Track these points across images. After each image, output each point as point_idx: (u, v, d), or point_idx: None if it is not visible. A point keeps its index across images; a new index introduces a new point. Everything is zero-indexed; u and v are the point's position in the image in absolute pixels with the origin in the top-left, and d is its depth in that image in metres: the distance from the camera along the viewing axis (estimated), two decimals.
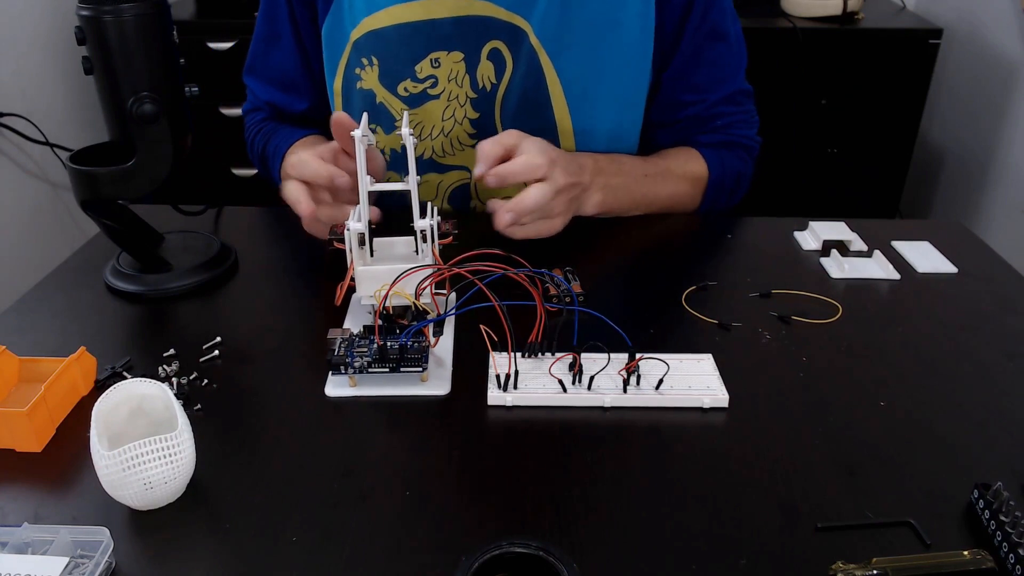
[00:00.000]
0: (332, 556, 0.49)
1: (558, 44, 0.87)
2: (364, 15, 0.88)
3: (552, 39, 0.87)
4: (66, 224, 1.87)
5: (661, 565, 0.48)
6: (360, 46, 0.89)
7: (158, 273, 0.77)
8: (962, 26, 2.00)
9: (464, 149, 0.94)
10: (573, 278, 0.76)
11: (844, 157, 2.04)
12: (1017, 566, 0.47)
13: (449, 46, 0.88)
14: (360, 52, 0.90)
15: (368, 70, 0.91)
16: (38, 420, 0.57)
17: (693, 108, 0.94)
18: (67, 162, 0.72)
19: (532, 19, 0.86)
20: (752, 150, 0.99)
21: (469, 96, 0.91)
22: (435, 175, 0.96)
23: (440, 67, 0.89)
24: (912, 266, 0.82)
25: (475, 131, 0.93)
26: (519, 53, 0.88)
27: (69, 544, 0.48)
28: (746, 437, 0.59)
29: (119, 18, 0.67)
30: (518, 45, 0.88)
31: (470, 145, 0.94)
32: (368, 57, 0.90)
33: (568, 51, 0.87)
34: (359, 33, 0.89)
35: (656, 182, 0.91)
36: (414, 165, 0.64)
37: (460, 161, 0.95)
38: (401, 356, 0.62)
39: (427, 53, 0.89)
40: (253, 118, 1.04)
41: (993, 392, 0.64)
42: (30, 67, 1.75)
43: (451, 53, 0.89)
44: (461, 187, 0.97)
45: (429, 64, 0.89)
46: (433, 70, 0.89)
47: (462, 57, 0.89)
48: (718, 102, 0.94)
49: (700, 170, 0.94)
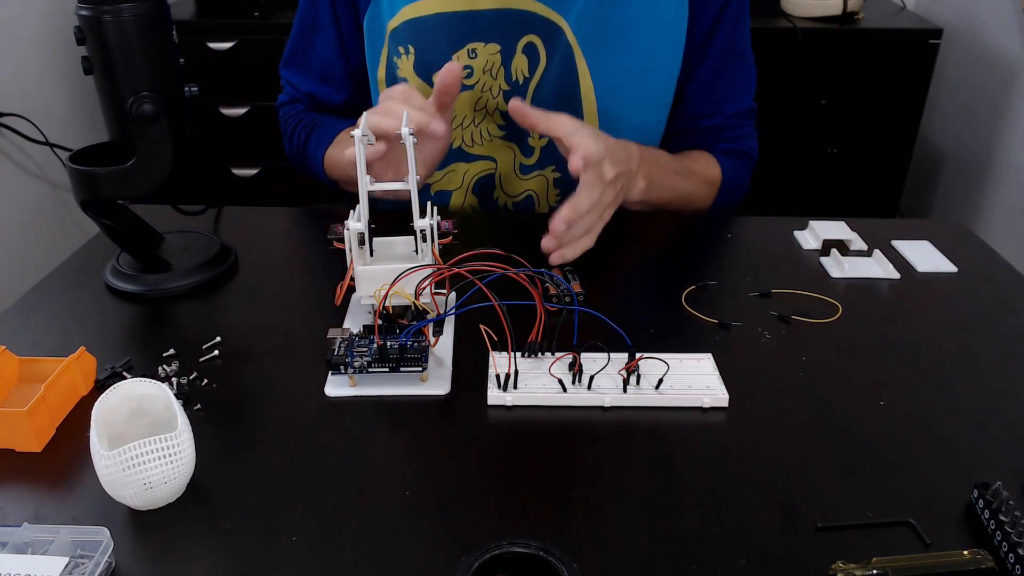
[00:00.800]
0: (332, 556, 0.49)
1: (593, 43, 0.89)
2: (404, 3, 0.89)
3: (588, 37, 0.88)
4: (66, 224, 1.87)
5: (661, 565, 0.48)
6: (397, 35, 0.90)
7: (158, 273, 0.77)
8: (962, 26, 2.00)
9: (493, 140, 0.95)
10: (573, 278, 0.76)
11: (844, 157, 2.04)
12: (1017, 566, 0.47)
13: (487, 37, 0.89)
14: (397, 41, 0.91)
15: (404, 59, 0.91)
16: (38, 420, 0.57)
17: (712, 119, 0.97)
18: (67, 162, 0.72)
19: (569, 16, 0.88)
20: (753, 162, 1.02)
21: (502, 88, 0.92)
22: (462, 164, 0.97)
23: (477, 58, 0.90)
24: (912, 266, 0.82)
25: (504, 123, 0.94)
26: (554, 49, 0.89)
27: (69, 544, 0.48)
28: (746, 437, 0.59)
29: (119, 18, 0.67)
30: (553, 41, 0.89)
31: (499, 136, 0.95)
32: (404, 46, 0.91)
33: (603, 50, 0.89)
34: (397, 22, 0.89)
35: (684, 179, 0.92)
36: (414, 165, 0.64)
37: (487, 151, 0.96)
38: (401, 356, 0.62)
39: (465, 43, 0.90)
40: (291, 110, 1.04)
41: (993, 392, 0.64)
42: (30, 67, 1.75)
43: (488, 44, 0.90)
44: (486, 177, 0.98)
45: (467, 54, 0.90)
46: (470, 60, 0.90)
47: (498, 49, 0.90)
48: (733, 115, 0.98)
49: (716, 174, 0.96)
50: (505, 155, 0.96)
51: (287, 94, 1.05)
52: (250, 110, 2.00)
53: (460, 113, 0.93)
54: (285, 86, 1.05)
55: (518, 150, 0.96)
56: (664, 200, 0.91)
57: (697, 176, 0.95)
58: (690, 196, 0.94)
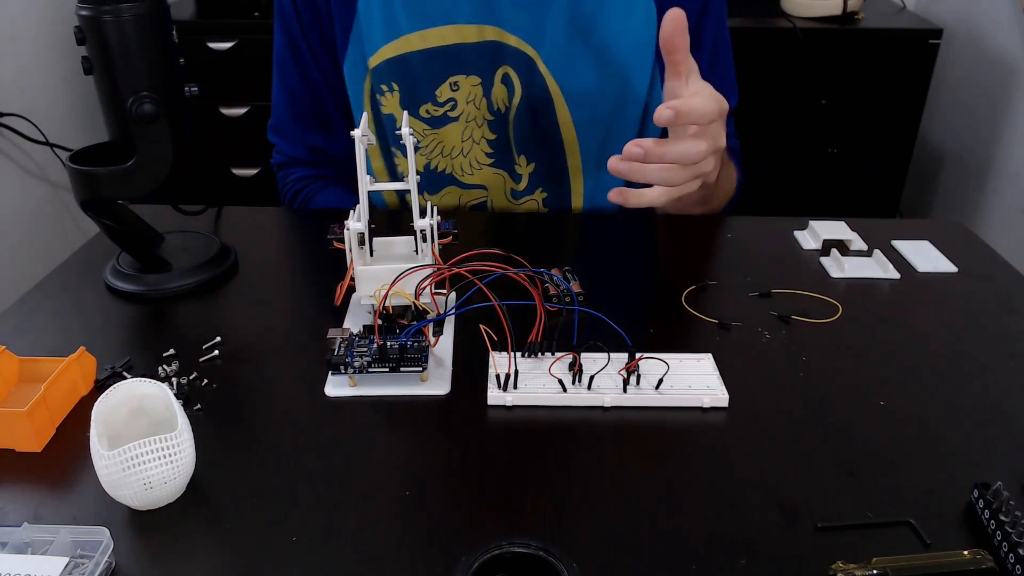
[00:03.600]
0: (332, 556, 0.49)
1: (564, 72, 0.90)
2: (383, 43, 0.89)
3: (559, 67, 0.89)
4: (66, 224, 1.87)
5: (661, 565, 0.48)
6: (379, 72, 0.91)
7: (158, 273, 0.77)
8: (962, 26, 2.00)
9: (482, 168, 0.96)
10: (573, 278, 0.76)
11: (844, 157, 2.04)
12: (1017, 566, 0.47)
13: (467, 70, 0.91)
14: (379, 79, 0.91)
15: (389, 96, 0.92)
16: (38, 420, 0.57)
17: None
18: (67, 162, 0.72)
19: (541, 48, 0.88)
20: (737, 154, 1.01)
21: (486, 118, 0.93)
22: (456, 189, 0.98)
23: (459, 90, 0.91)
24: (912, 266, 0.82)
25: (492, 151, 0.95)
26: (528, 79, 0.90)
27: (69, 544, 0.48)
28: (746, 437, 0.59)
29: (119, 18, 0.67)
30: (528, 71, 0.90)
31: (488, 164, 0.96)
32: (388, 83, 0.91)
33: (575, 77, 0.90)
34: (377, 60, 0.90)
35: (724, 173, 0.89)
36: (414, 164, 0.64)
37: (479, 180, 0.97)
38: (401, 356, 0.62)
39: (447, 76, 0.91)
40: (287, 175, 1.04)
41: (993, 392, 0.64)
42: (30, 67, 1.75)
43: (469, 76, 0.91)
44: (478, 205, 0.99)
45: (448, 88, 0.91)
46: (452, 93, 0.91)
47: (479, 81, 0.91)
48: None
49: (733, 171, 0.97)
50: (495, 182, 0.97)
51: (281, 155, 1.05)
52: (250, 110, 2.00)
53: (449, 144, 0.94)
54: (275, 154, 1.05)
55: (507, 176, 0.97)
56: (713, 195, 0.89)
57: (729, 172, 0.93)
58: (725, 194, 0.94)
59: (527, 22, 0.88)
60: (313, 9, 0.93)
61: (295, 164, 1.05)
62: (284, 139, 1.03)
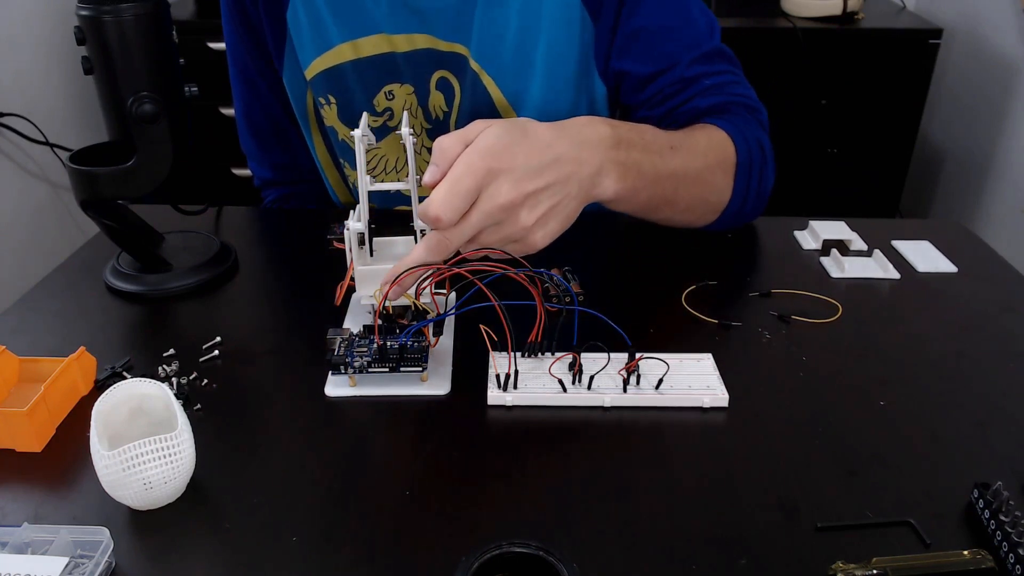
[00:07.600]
0: (332, 556, 0.49)
1: (493, 61, 0.87)
2: (316, 55, 0.89)
3: (487, 57, 0.87)
4: (66, 224, 1.87)
5: (661, 565, 0.48)
6: (316, 85, 0.91)
7: (158, 273, 0.77)
8: (962, 26, 2.01)
9: None
10: (572, 278, 0.76)
11: (844, 157, 2.04)
12: (1017, 566, 0.47)
13: (401, 78, 0.90)
14: (317, 91, 0.91)
15: (327, 108, 0.92)
16: (38, 420, 0.57)
17: (669, 74, 0.85)
18: (67, 162, 0.72)
19: (470, 44, 0.87)
20: (758, 112, 0.87)
21: (424, 127, 0.93)
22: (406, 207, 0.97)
23: (395, 99, 0.91)
24: (912, 266, 0.82)
25: None
26: (464, 78, 0.89)
27: (69, 544, 0.48)
28: (746, 437, 0.59)
29: (119, 18, 0.67)
30: (461, 70, 0.89)
31: None
32: (325, 96, 0.91)
33: (504, 65, 0.88)
34: (312, 73, 0.90)
35: (684, 156, 0.75)
36: (414, 164, 0.64)
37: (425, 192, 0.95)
38: (401, 356, 0.62)
39: (381, 86, 0.90)
40: (265, 197, 1.06)
41: (993, 392, 0.64)
42: (30, 67, 1.75)
43: (403, 85, 0.90)
44: None
45: (384, 97, 0.90)
46: (388, 102, 0.91)
47: (413, 89, 0.90)
48: (693, 61, 0.84)
49: (722, 139, 0.80)
50: None
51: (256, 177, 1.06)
52: None
53: (392, 156, 0.94)
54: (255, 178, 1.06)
55: None
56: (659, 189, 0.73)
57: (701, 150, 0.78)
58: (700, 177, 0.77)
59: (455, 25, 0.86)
60: (248, 25, 0.93)
61: (268, 185, 1.06)
62: (252, 160, 1.04)
